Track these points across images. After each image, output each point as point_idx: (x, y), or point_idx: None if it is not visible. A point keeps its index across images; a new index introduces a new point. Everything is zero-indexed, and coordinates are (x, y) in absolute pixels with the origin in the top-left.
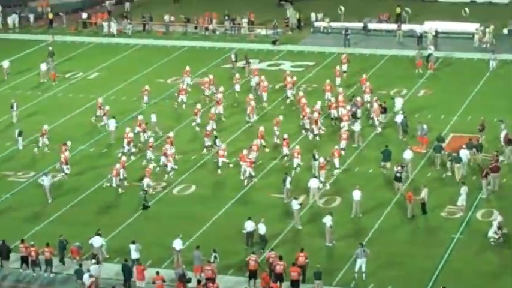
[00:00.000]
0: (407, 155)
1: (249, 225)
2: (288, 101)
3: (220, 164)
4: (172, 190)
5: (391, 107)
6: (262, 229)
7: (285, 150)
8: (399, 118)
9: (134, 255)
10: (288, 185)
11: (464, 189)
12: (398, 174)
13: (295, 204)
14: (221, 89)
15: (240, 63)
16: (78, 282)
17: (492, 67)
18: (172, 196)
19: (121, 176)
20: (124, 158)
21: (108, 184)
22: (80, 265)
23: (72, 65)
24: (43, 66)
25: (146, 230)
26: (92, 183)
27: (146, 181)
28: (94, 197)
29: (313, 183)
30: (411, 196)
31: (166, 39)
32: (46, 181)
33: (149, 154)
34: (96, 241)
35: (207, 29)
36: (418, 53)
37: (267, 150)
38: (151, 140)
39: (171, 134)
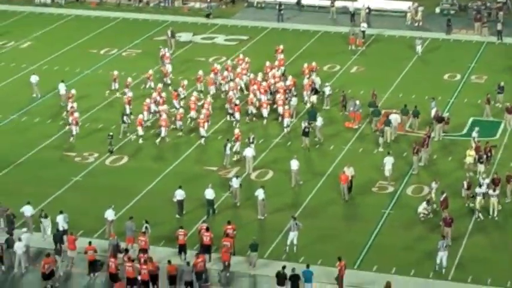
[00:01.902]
0: (294, 165)
1: (179, 194)
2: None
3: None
4: (104, 161)
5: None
6: (209, 194)
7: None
8: (327, 89)
9: (62, 226)
10: (228, 151)
11: (388, 159)
12: (306, 130)
13: (235, 183)
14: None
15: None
16: (9, 251)
17: (418, 52)
18: (104, 167)
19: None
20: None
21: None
22: (11, 234)
23: (4, 34)
24: None
25: (77, 200)
26: (23, 152)
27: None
28: (25, 167)
29: (249, 152)
30: (345, 178)
31: (99, 10)
32: None
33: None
34: (27, 210)
35: (140, 1)
36: (350, 29)
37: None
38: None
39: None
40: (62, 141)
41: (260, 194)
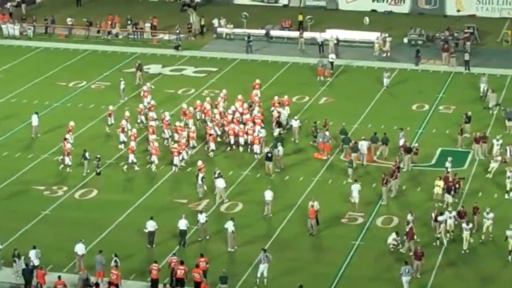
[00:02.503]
0: (268, 195)
1: (150, 225)
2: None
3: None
4: (73, 194)
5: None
6: (183, 224)
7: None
8: (295, 123)
9: (33, 261)
10: (200, 181)
11: (355, 187)
12: (269, 155)
13: (202, 218)
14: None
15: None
16: None
17: (386, 84)
18: (73, 200)
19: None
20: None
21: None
22: None
23: None
24: None
25: (47, 234)
26: None
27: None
28: None
29: (220, 183)
30: (313, 212)
31: (68, 43)
32: None
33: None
34: None
35: (109, 33)
36: (319, 60)
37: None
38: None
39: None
40: (31, 174)
41: (230, 226)
